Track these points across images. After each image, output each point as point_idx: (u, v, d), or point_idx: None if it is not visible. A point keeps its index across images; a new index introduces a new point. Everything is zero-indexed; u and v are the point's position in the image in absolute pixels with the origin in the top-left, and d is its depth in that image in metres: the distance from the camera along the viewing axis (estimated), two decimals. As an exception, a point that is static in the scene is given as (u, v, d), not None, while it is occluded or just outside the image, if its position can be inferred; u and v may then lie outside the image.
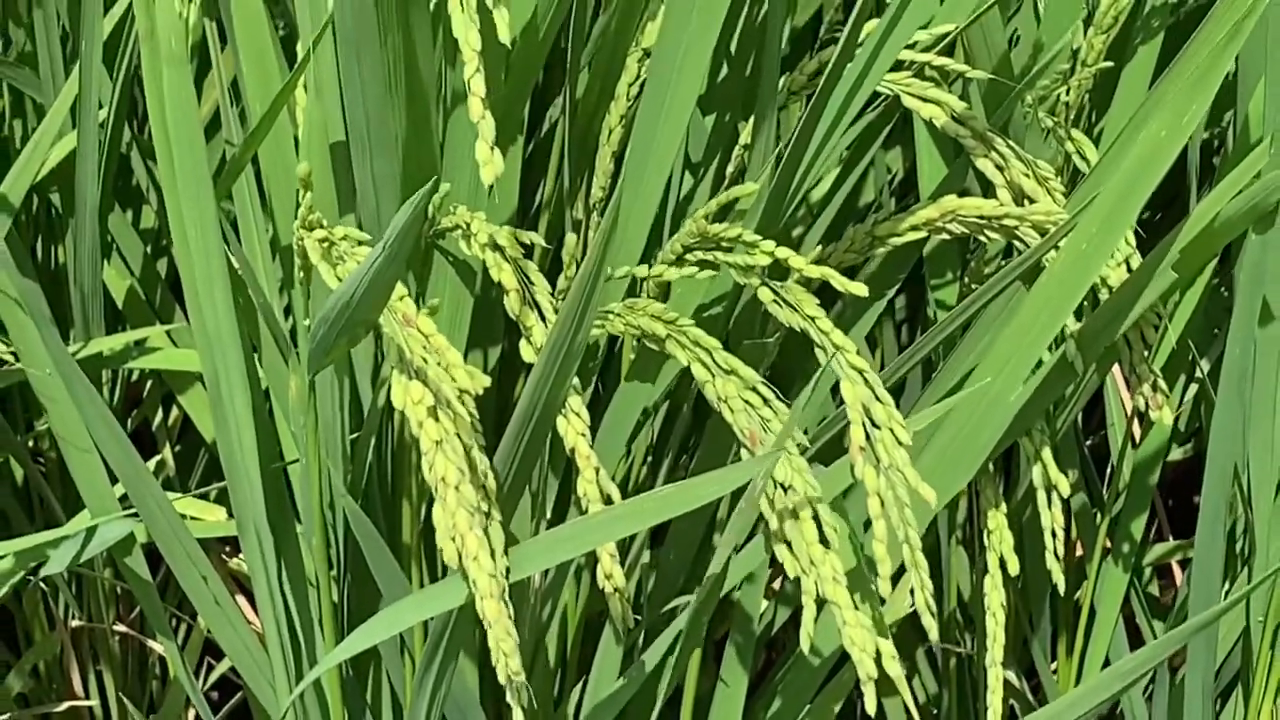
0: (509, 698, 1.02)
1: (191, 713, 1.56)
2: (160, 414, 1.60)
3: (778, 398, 1.09)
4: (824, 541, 1.06)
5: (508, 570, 1.02)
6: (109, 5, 1.36)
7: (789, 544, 1.07)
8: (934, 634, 1.10)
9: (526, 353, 1.09)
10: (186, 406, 1.46)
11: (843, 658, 1.21)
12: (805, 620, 1.07)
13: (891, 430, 1.07)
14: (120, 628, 1.55)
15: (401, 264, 0.99)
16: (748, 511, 1.06)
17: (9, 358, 1.26)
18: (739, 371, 1.09)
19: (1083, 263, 1.14)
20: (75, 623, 1.55)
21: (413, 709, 1.14)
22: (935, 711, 1.47)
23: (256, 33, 1.22)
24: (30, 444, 1.54)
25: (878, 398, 1.07)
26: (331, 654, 1.08)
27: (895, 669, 1.06)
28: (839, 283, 1.10)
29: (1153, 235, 1.22)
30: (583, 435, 1.09)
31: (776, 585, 1.41)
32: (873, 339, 1.51)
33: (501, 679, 1.01)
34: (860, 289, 1.10)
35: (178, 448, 1.61)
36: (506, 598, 1.00)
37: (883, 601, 1.21)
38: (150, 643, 1.56)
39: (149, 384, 1.60)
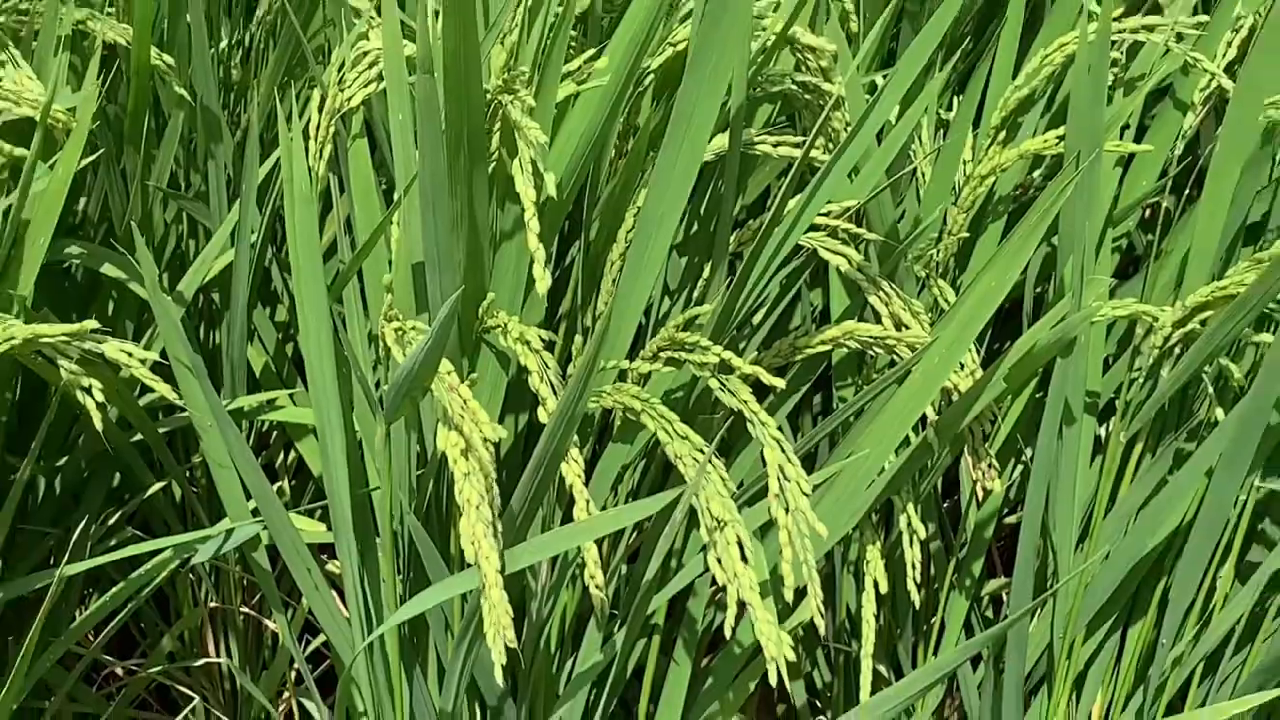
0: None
1: (293, 672, 1.55)
2: (282, 456, 1.59)
3: (717, 456, 1.10)
4: (744, 559, 1.07)
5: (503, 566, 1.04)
6: (261, 160, 1.37)
7: (720, 561, 1.07)
8: (822, 628, 1.10)
9: (543, 415, 1.11)
10: (301, 451, 1.45)
11: (757, 649, 1.23)
12: (729, 614, 1.07)
13: (797, 483, 1.09)
14: (244, 610, 1.54)
15: (443, 347, 1.01)
16: (670, 532, 1.08)
17: (179, 405, 1.25)
18: (690, 437, 1.11)
19: (936, 371, 1.18)
20: (212, 604, 1.54)
21: (450, 668, 1.17)
22: (829, 695, 1.47)
23: (365, 185, 1.26)
24: (186, 474, 1.54)
25: (789, 459, 1.10)
26: (393, 615, 1.10)
27: (789, 653, 1.05)
28: (765, 378, 1.13)
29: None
30: (579, 476, 1.11)
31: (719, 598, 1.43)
32: (798, 427, 1.51)
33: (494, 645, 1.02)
34: (779, 383, 1.13)
35: (293, 481, 1.60)
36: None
37: (790, 608, 1.23)
38: (266, 621, 1.55)
39: (274, 434, 1.59)
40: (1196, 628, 1.32)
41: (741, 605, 1.07)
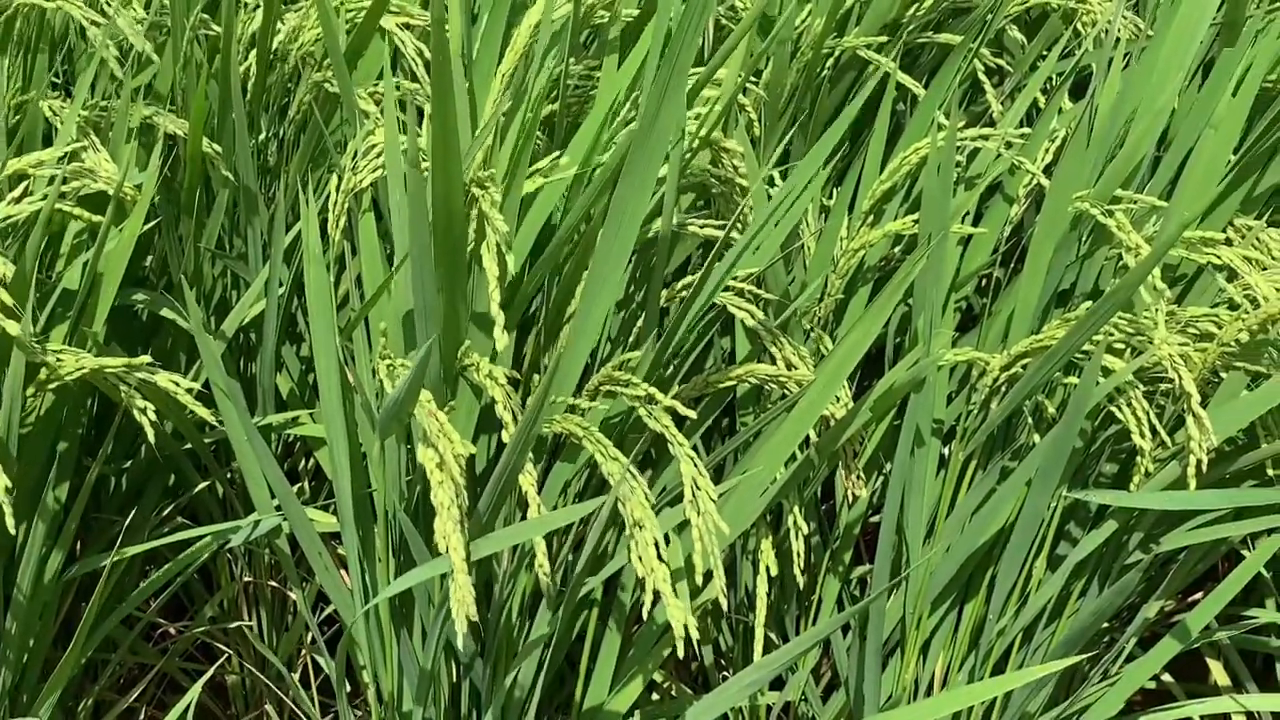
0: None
1: (309, 635, 1.53)
2: (304, 462, 1.55)
3: (640, 474, 1.08)
4: (659, 556, 1.04)
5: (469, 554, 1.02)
6: (288, 228, 1.36)
7: (640, 557, 1.05)
8: (724, 604, 1.09)
9: (506, 437, 1.09)
10: (318, 458, 1.41)
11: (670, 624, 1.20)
12: (646, 601, 1.04)
13: (706, 491, 1.08)
14: (271, 584, 1.51)
15: (421, 381, 0.98)
16: (597, 530, 1.07)
17: (217, 425, 1.24)
18: (620, 458, 1.09)
19: (817, 403, 1.16)
20: (246, 579, 1.52)
21: (430, 632, 1.15)
22: (731, 656, 1.45)
23: (372, 249, 1.23)
24: (228, 475, 1.52)
25: (699, 472, 1.09)
26: (385, 590, 1.08)
27: (694, 630, 1.03)
28: (680, 409, 1.11)
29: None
30: (533, 485, 1.09)
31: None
32: (710, 446, 1.47)
33: (459, 618, 1.00)
34: (691, 414, 1.11)
35: (312, 482, 1.56)
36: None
37: (700, 588, 1.22)
38: (288, 593, 1.52)
39: (297, 445, 1.55)
40: (1017, 606, 1.31)
41: (657, 591, 1.05)
